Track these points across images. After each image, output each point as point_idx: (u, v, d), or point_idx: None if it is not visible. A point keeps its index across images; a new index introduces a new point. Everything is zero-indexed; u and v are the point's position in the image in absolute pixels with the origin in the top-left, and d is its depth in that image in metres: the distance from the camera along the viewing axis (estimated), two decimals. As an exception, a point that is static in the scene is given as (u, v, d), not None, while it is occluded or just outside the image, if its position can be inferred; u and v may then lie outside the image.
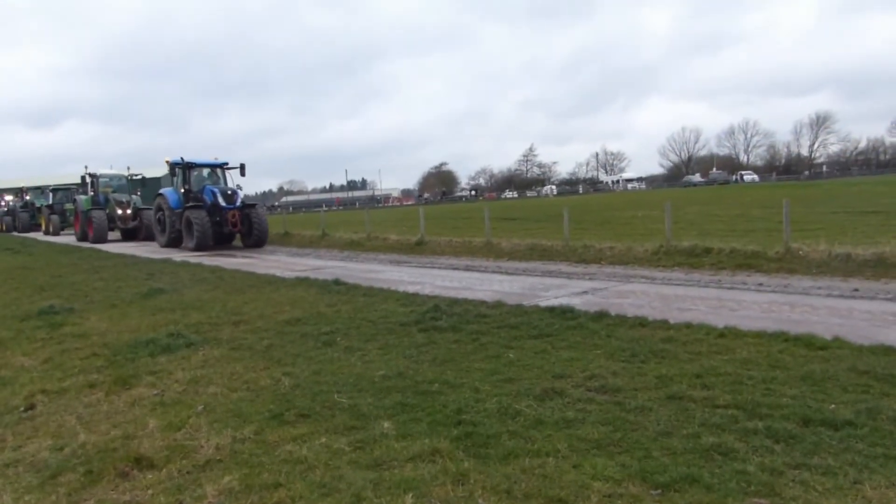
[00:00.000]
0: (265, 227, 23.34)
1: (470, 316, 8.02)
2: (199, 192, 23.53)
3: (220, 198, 22.94)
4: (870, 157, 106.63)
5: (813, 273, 10.70)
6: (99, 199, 31.65)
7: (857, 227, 16.69)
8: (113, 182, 32.99)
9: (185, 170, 24.13)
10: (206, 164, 24.75)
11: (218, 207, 22.82)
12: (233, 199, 23.25)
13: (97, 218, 29.55)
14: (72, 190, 41.36)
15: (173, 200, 24.02)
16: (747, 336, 6.46)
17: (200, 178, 24.54)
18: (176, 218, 23.61)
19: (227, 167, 25.20)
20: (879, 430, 3.99)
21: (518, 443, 4.08)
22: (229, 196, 23.27)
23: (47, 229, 40.32)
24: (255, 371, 6.13)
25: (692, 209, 28.87)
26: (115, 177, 33.59)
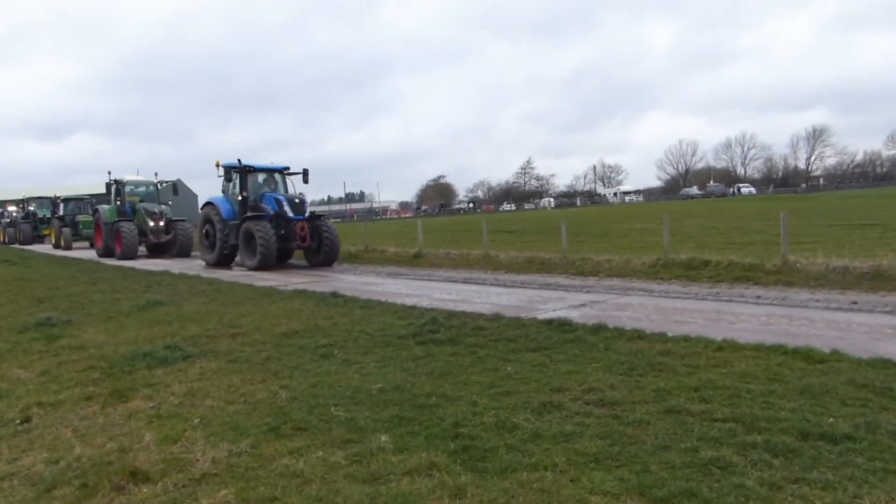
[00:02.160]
0: (337, 242, 19.47)
1: (468, 329, 8.01)
2: (258, 201, 19.89)
3: (287, 207, 19.22)
4: (867, 170, 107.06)
5: (811, 286, 10.71)
6: (126, 209, 27.48)
7: (855, 239, 16.72)
8: (140, 190, 28.99)
9: (242, 174, 20.15)
10: (265, 168, 20.99)
11: (284, 218, 19.13)
12: (302, 209, 19.55)
13: (126, 231, 25.49)
14: (84, 200, 39.56)
15: (226, 210, 20.15)
16: (745, 349, 6.45)
17: (256, 185, 20.69)
18: (231, 231, 19.72)
19: (288, 172, 21.39)
20: (878, 444, 3.98)
21: (516, 456, 4.06)
22: (297, 205, 19.53)
23: (58, 243, 37.17)
24: (251, 384, 6.11)
25: (690, 222, 28.92)
26: (143, 183, 29.37)
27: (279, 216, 19.11)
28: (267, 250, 18.07)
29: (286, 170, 21.28)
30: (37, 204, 47.02)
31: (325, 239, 19.20)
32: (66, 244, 35.57)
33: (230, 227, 19.79)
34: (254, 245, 18.45)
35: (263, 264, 18.21)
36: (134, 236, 25.49)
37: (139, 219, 26.69)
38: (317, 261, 19.52)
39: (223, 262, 20.30)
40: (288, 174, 21.30)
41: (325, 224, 19.63)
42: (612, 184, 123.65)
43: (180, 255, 26.15)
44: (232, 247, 19.89)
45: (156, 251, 27.34)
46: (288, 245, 19.12)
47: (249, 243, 18.76)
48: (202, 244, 21.41)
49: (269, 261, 18.28)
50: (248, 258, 18.81)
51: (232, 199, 20.43)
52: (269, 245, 18.09)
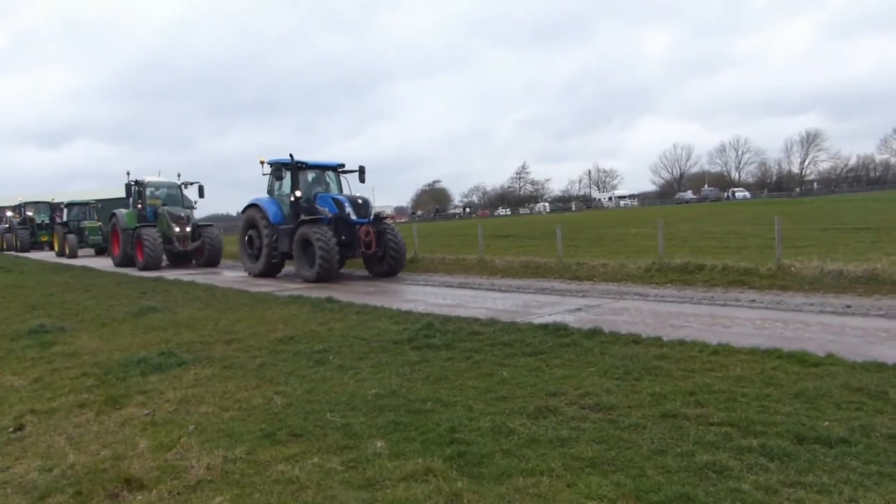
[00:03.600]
0: (403, 249, 16.98)
1: (463, 333, 8.00)
2: (312, 202, 17.40)
3: (350, 208, 16.70)
4: (860, 174, 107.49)
5: (805, 289, 10.74)
6: (147, 213, 24.46)
7: (849, 243, 16.78)
8: (161, 192, 25.63)
9: (294, 172, 17.65)
10: (320, 164, 18.45)
11: (345, 222, 16.56)
12: (366, 212, 17.04)
13: (150, 238, 22.39)
14: (90, 205, 37.79)
15: (274, 213, 17.75)
16: (741, 353, 6.46)
17: (307, 184, 18.25)
18: (282, 236, 17.33)
19: (343, 169, 18.90)
20: (873, 448, 3.98)
21: (512, 462, 4.06)
22: (360, 206, 16.98)
23: (62, 250, 34.65)
24: (247, 390, 6.09)
25: (684, 226, 28.99)
26: (165, 185, 26.08)
27: (339, 220, 16.53)
28: (328, 259, 15.56)
29: (341, 167, 18.86)
30: (34, 209, 44.38)
31: (389, 245, 16.75)
32: (70, 251, 33.52)
33: (281, 233, 17.38)
34: (311, 253, 16.06)
35: (324, 275, 15.74)
36: (158, 244, 22.46)
37: (162, 224, 23.72)
38: (380, 270, 17.05)
39: (271, 272, 18.06)
40: (342, 171, 18.90)
41: (391, 228, 17.16)
42: (607, 188, 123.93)
43: (208, 265, 23.51)
44: (282, 255, 17.61)
45: (179, 260, 24.45)
46: (349, 253, 16.63)
47: (306, 251, 16.30)
48: (244, 252, 18.91)
49: (331, 271, 15.86)
50: (305, 268, 16.32)
51: (279, 201, 18.12)
52: (330, 253, 15.55)
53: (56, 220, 40.51)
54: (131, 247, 23.53)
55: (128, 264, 23.83)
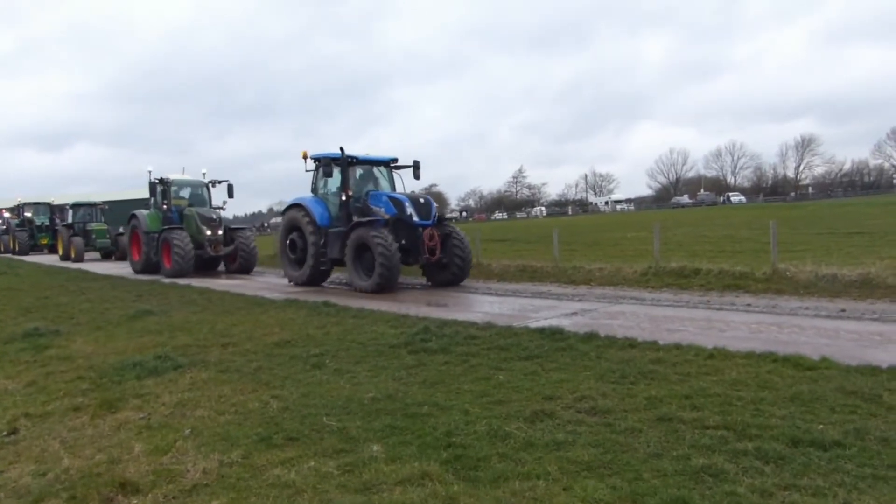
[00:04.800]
0: (470, 256, 15.09)
1: (460, 337, 8.00)
2: (364, 201, 15.53)
3: (411, 208, 14.68)
4: (854, 179, 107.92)
5: (800, 293, 10.78)
6: (172, 215, 22.09)
7: (843, 248, 16.85)
8: (185, 191, 23.22)
9: (345, 168, 15.70)
10: (371, 159, 16.53)
11: (406, 224, 14.60)
12: (428, 212, 14.95)
13: (180, 242, 20.05)
14: (97, 206, 36.00)
15: (320, 214, 15.77)
16: (736, 357, 6.48)
17: (357, 182, 16.31)
18: (332, 240, 15.38)
19: (396, 165, 16.94)
20: (867, 451, 4.00)
21: (508, 465, 4.06)
22: (423, 206, 14.95)
23: (67, 254, 32.75)
24: (243, 394, 6.08)
25: (680, 230, 29.05)
26: (190, 184, 23.55)
27: (398, 222, 14.57)
28: (389, 267, 13.60)
29: (394, 161, 16.89)
30: (33, 210, 41.95)
31: (455, 251, 14.68)
32: (76, 255, 31.33)
33: (330, 237, 15.43)
34: (368, 260, 14.12)
35: (384, 284, 13.73)
36: (189, 248, 20.18)
37: (191, 227, 21.31)
38: (442, 279, 15.00)
39: (317, 280, 16.14)
40: (395, 167, 16.93)
41: (456, 232, 15.11)
42: (604, 192, 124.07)
43: (241, 271, 21.31)
44: (331, 261, 15.66)
45: (206, 266, 21.89)
46: (410, 259, 14.77)
47: (361, 257, 14.36)
48: (284, 258, 16.87)
49: (392, 280, 13.94)
50: (360, 276, 14.36)
51: (325, 200, 16.22)
52: (391, 260, 13.59)
53: (57, 221, 39.11)
54: (155, 251, 21.35)
55: (151, 270, 21.58)
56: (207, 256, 21.27)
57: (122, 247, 31.94)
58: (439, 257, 14.61)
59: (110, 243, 32.72)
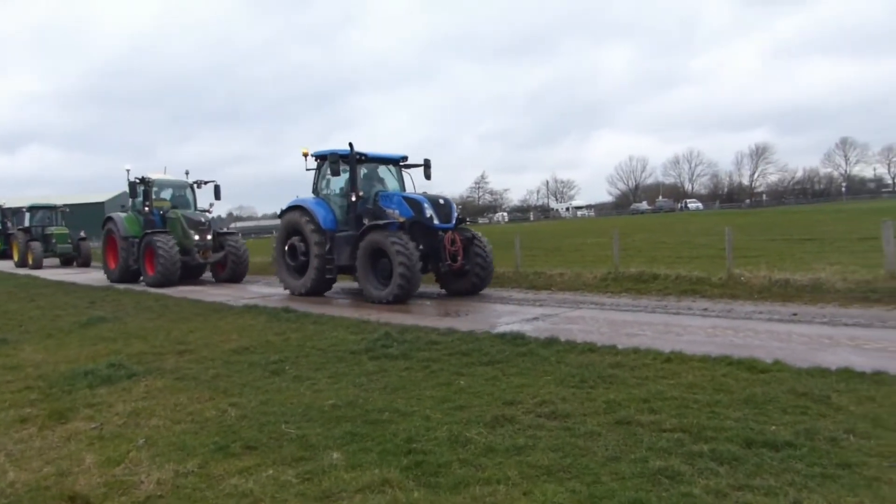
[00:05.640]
0: (492, 262, 13.81)
1: (421, 343, 7.99)
2: (375, 202, 14.17)
3: (431, 210, 13.41)
4: (805, 187, 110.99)
5: (754, 298, 11.03)
6: (154, 217, 20.26)
7: (795, 253, 17.30)
8: (165, 192, 21.36)
9: (353, 166, 14.22)
10: (380, 156, 15.14)
11: (424, 228, 13.33)
12: (449, 215, 13.70)
13: (164, 247, 18.32)
14: (57, 209, 33.86)
15: (324, 216, 14.34)
16: (692, 360, 6.59)
17: (366, 181, 14.89)
18: (340, 245, 13.87)
19: (406, 163, 15.69)
20: (817, 451, 4.10)
21: (469, 471, 4.06)
22: (443, 208, 13.66)
23: (23, 260, 30.46)
24: (200, 402, 5.97)
25: (639, 236, 29.49)
26: (173, 185, 21.68)
27: (416, 224, 13.30)
28: (410, 275, 12.28)
29: (404, 159, 15.64)
30: None
31: (476, 257, 13.46)
32: (35, 261, 29.18)
33: (338, 241, 13.98)
34: (383, 267, 12.85)
35: (403, 294, 12.47)
36: (175, 254, 18.44)
37: (176, 231, 19.57)
38: (462, 287, 13.70)
39: (322, 289, 14.71)
40: (405, 166, 15.68)
41: (479, 237, 13.80)
42: (565, 199, 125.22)
43: (231, 280, 19.52)
44: (338, 269, 14.20)
45: (190, 274, 20.06)
46: (429, 266, 13.34)
47: (376, 264, 13.03)
48: (281, 264, 15.25)
49: (413, 289, 12.64)
50: (374, 285, 12.95)
51: (329, 201, 14.85)
52: (413, 268, 12.28)
53: (9, 225, 36.87)
54: (135, 258, 19.61)
55: (129, 279, 19.84)
56: (195, 263, 19.68)
57: (85, 252, 31.17)
58: (462, 264, 13.25)
59: (72, 248, 31.26)
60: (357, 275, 13.38)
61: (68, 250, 31.37)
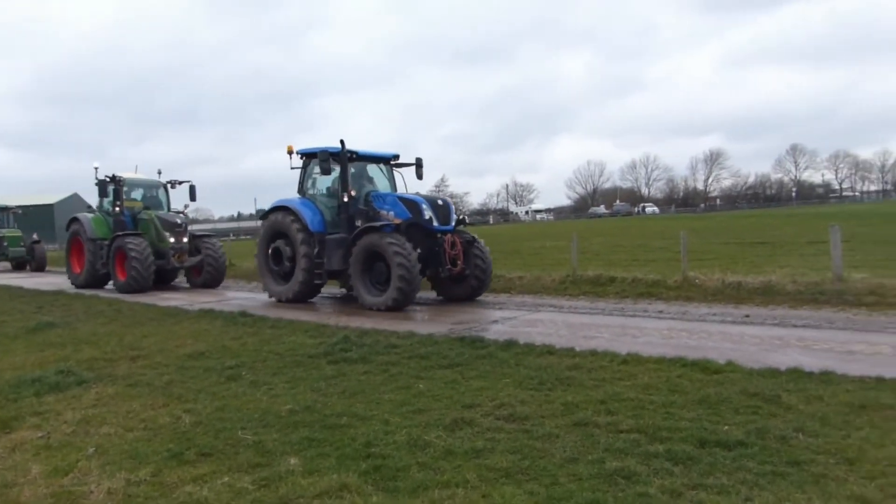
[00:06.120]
0: (490, 266, 13.24)
1: (380, 347, 7.95)
2: (368, 203, 13.39)
3: (430, 212, 12.71)
4: (758, 192, 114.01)
5: (708, 300, 11.27)
6: (125, 218, 19.06)
7: (748, 257, 17.74)
8: (136, 192, 20.05)
9: (345, 164, 13.39)
10: (373, 155, 14.37)
11: (423, 230, 12.64)
12: (448, 217, 13.01)
13: (138, 250, 17.20)
14: (9, 210, 31.74)
15: (312, 218, 13.40)
16: (648, 362, 6.70)
17: (357, 181, 13.98)
18: (332, 249, 13.01)
19: (397, 163, 14.91)
20: (768, 449, 4.21)
21: (427, 474, 4.05)
22: (442, 209, 12.98)
23: None
24: (153, 409, 5.84)
25: (597, 240, 29.85)
26: (145, 184, 20.49)
27: (413, 226, 12.57)
28: (410, 280, 11.57)
29: (395, 158, 14.85)
30: None
31: (476, 261, 12.88)
32: None
33: (329, 245, 13.09)
34: (379, 271, 12.15)
35: (403, 300, 11.75)
36: (149, 258, 17.37)
37: (150, 233, 18.45)
38: (459, 292, 13.09)
39: (308, 295, 13.89)
40: (396, 165, 14.90)
41: (477, 240, 13.23)
42: (524, 202, 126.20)
43: (207, 285, 18.39)
44: (328, 273, 13.37)
45: (160, 279, 18.73)
46: (427, 270, 12.47)
47: (372, 269, 12.29)
48: (264, 269, 14.35)
49: (412, 295, 11.94)
50: (370, 291, 12.25)
51: (316, 202, 13.94)
52: (413, 271, 11.60)
53: None
54: (104, 262, 18.45)
55: (96, 284, 18.79)
56: (170, 268, 18.51)
57: (39, 256, 29.72)
58: (462, 268, 12.63)
59: (25, 252, 29.89)
60: (350, 280, 12.65)
61: (21, 254, 29.98)
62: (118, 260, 17.72)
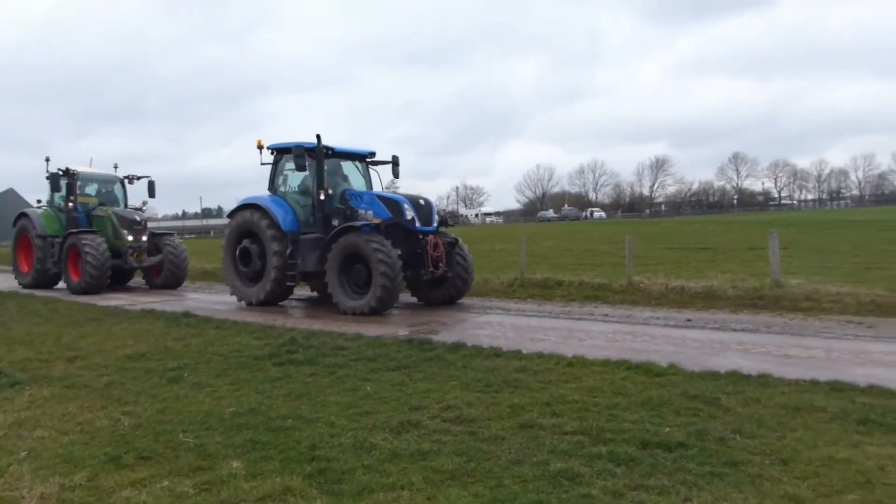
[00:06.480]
0: (472, 269, 12.84)
1: (327, 348, 7.88)
2: (346, 201, 12.79)
3: (412, 212, 12.25)
4: (701, 199, 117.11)
5: (652, 304, 11.53)
6: (79, 215, 17.82)
7: (691, 262, 18.20)
8: (90, 187, 18.88)
9: (321, 160, 12.70)
10: (349, 151, 13.83)
11: (404, 231, 12.15)
12: (430, 217, 12.58)
13: (94, 249, 16.20)
14: None
15: (284, 217, 12.81)
16: (594, 365, 6.81)
17: (331, 179, 13.29)
18: (306, 249, 12.44)
19: (373, 160, 14.37)
20: (707, 450, 4.32)
21: (373, 477, 4.03)
22: (423, 209, 12.51)
23: None
24: (90, 411, 5.66)
25: (545, 243, 30.18)
26: (101, 179, 19.25)
27: (393, 227, 12.03)
28: (392, 285, 11.15)
29: (371, 155, 14.30)
30: None
31: (458, 264, 12.44)
32: None
33: (303, 245, 12.47)
34: (358, 273, 11.63)
35: (384, 304, 11.30)
36: (106, 257, 16.33)
37: (106, 231, 17.39)
38: (440, 295, 12.67)
39: (279, 298, 13.31)
40: (371, 162, 14.37)
41: (458, 241, 12.75)
42: (474, 205, 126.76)
43: (167, 286, 17.48)
44: (302, 275, 12.77)
45: (115, 279, 17.61)
46: (408, 272, 11.88)
47: (350, 270, 11.77)
48: (231, 270, 13.60)
49: (394, 298, 11.52)
50: (350, 295, 11.69)
51: (288, 199, 13.30)
52: (395, 274, 11.14)
53: None
54: (55, 260, 17.46)
55: (46, 284, 17.86)
56: (128, 267, 17.49)
57: None
58: (444, 271, 12.20)
59: None
60: (326, 282, 11.94)
61: None
62: (72, 259, 16.75)
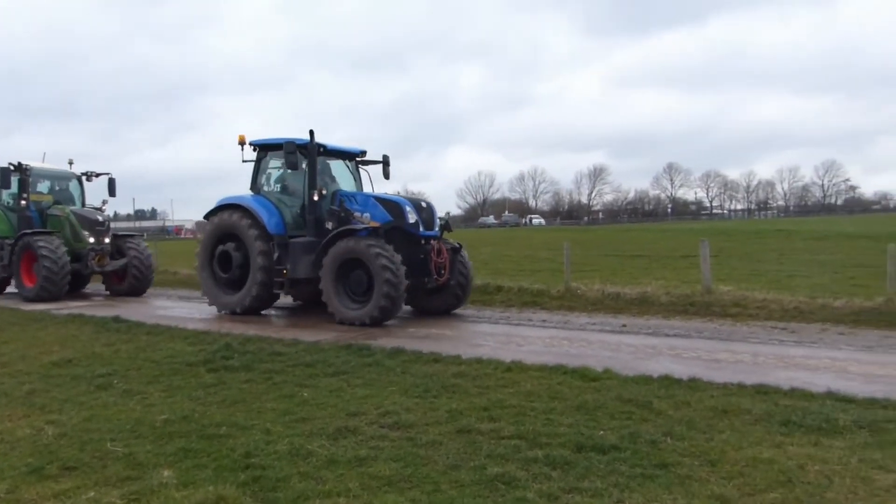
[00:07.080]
0: (472, 276, 12.17)
1: (264, 354, 7.75)
2: (340, 203, 11.81)
3: (415, 215, 11.42)
4: (637, 207, 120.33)
5: (589, 310, 11.76)
6: (31, 214, 16.11)
7: (626, 269, 18.66)
8: (43, 184, 17.16)
9: (314, 158, 11.72)
10: (340, 150, 12.98)
11: (406, 235, 11.35)
12: (432, 221, 11.80)
13: (52, 252, 14.65)
14: None
15: (270, 218, 11.79)
16: (531, 370, 6.89)
17: (323, 179, 12.37)
18: (297, 254, 11.37)
19: (364, 159, 13.65)
20: (639, 453, 4.43)
21: (309, 484, 3.98)
22: (426, 212, 11.71)
23: None
24: (11, 420, 5.42)
25: (486, 249, 30.40)
26: (56, 176, 17.47)
27: (394, 231, 11.24)
28: (396, 293, 10.34)
29: (362, 154, 13.52)
30: None
31: (458, 271, 11.77)
32: None
33: (293, 249, 11.41)
34: (357, 280, 10.80)
35: (386, 314, 10.52)
36: (64, 261, 14.82)
37: (63, 232, 15.76)
38: (439, 303, 12.02)
39: (263, 306, 12.32)
40: (362, 161, 13.61)
41: (458, 246, 12.16)
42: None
43: (132, 293, 16.06)
44: (292, 282, 11.58)
45: (73, 285, 15.96)
46: (410, 279, 10.73)
47: (348, 277, 10.91)
48: (208, 277, 12.57)
49: (398, 307, 10.69)
50: (347, 304, 10.87)
51: (272, 199, 12.26)
52: (399, 282, 10.33)
53: None
54: (6, 265, 15.79)
55: None
56: (87, 272, 16.11)
57: None
58: (447, 279, 11.56)
59: None
60: (320, 290, 11.01)
61: None
62: (25, 263, 15.27)
